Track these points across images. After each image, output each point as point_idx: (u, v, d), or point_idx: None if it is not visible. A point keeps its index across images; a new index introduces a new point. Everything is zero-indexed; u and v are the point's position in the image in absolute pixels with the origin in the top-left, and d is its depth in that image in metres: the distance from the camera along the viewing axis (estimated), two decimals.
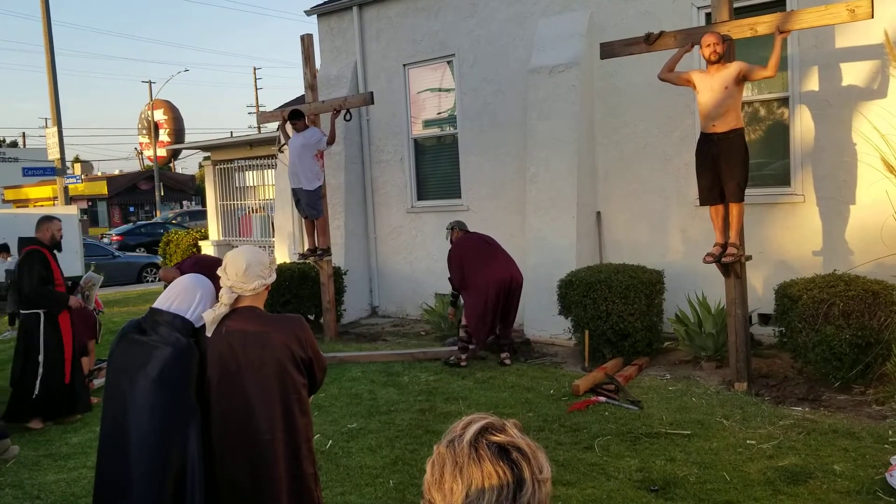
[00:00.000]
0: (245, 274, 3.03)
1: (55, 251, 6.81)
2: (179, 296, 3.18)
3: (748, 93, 8.07)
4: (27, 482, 5.33)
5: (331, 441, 5.78)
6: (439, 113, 11.01)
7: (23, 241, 6.85)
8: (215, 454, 3.00)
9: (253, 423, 2.96)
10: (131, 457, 2.94)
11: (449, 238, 8.44)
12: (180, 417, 2.95)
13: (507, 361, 7.89)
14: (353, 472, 5.17)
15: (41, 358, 6.55)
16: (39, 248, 6.62)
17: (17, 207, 24.17)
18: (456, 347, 8.12)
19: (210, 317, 3.02)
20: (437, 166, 11.14)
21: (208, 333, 3.03)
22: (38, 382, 6.54)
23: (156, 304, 3.19)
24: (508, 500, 1.22)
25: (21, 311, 6.78)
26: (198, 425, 2.97)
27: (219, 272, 3.11)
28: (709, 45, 6.37)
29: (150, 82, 46.82)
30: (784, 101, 7.96)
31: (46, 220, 6.83)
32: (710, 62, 6.42)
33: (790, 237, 7.87)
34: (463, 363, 7.88)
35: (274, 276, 3.18)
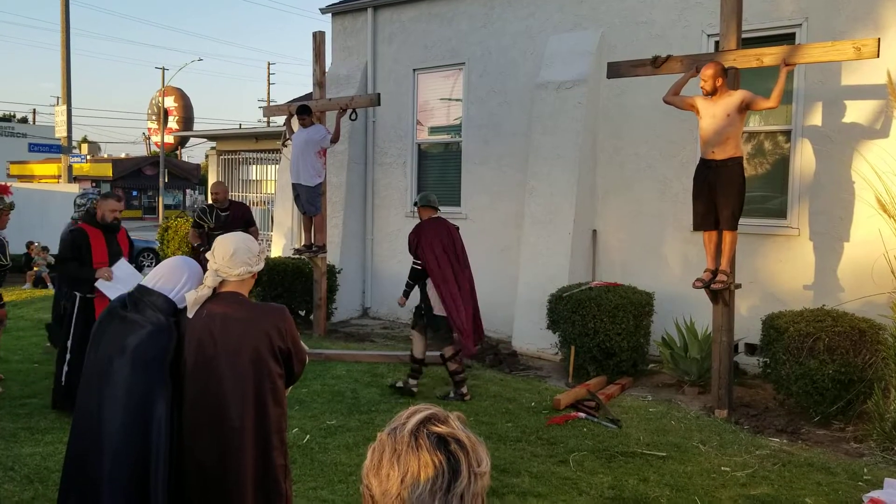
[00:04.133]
0: (231, 259, 3.05)
1: (109, 231, 6.44)
2: (165, 275, 3.20)
3: (752, 123, 8.13)
4: (3, 453, 5.34)
5: (308, 436, 5.79)
6: (445, 120, 11.06)
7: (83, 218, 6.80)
8: (185, 436, 3.01)
9: (224, 409, 2.97)
10: (103, 433, 2.95)
11: (415, 214, 7.52)
12: (152, 395, 2.97)
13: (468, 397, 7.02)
14: (327, 469, 5.18)
15: (70, 342, 6.29)
16: (82, 227, 6.42)
17: (22, 182, 24.23)
18: (437, 354, 8.09)
19: (192, 298, 3.04)
20: (438, 173, 11.19)
21: (189, 315, 3.05)
22: (65, 367, 6.24)
23: (142, 282, 3.21)
24: (442, 489, 1.24)
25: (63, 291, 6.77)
26: (168, 405, 2.98)
27: (207, 255, 3.14)
28: (706, 80, 6.40)
29: (164, 69, 46.88)
30: (787, 135, 8.00)
31: (102, 198, 6.69)
32: (705, 93, 6.47)
33: (782, 269, 7.90)
34: (415, 389, 7.09)
35: (261, 265, 3.20)
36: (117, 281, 6.10)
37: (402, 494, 1.25)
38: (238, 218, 9.15)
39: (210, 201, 9.32)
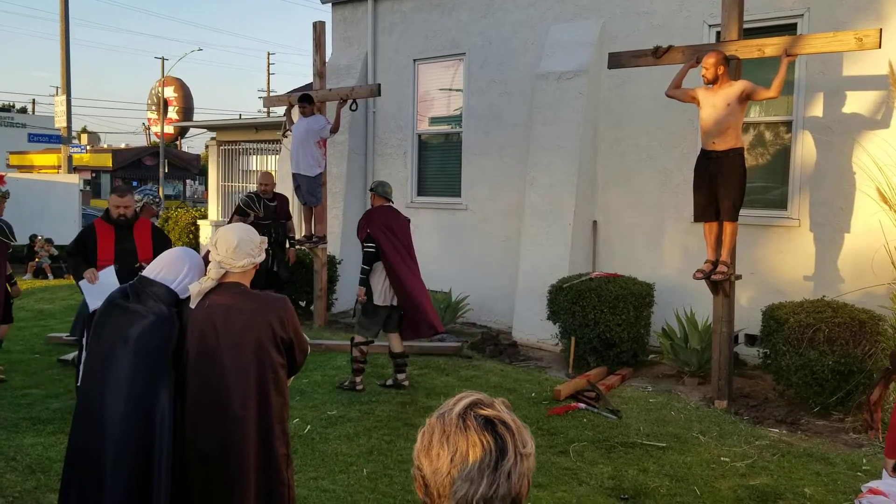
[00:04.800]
0: (235, 251, 3.07)
1: (121, 227, 6.10)
2: (167, 266, 3.20)
3: (753, 114, 8.11)
4: (4, 443, 5.36)
5: (309, 426, 5.82)
6: (445, 111, 11.04)
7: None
8: (188, 427, 3.02)
9: (226, 399, 2.99)
10: (105, 424, 2.95)
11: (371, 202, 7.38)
12: (155, 386, 2.97)
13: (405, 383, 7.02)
14: (328, 458, 5.20)
15: (85, 340, 6.10)
16: (95, 223, 6.23)
17: (21, 173, 24.18)
18: (444, 344, 8.12)
19: (196, 289, 3.05)
20: (439, 163, 11.18)
21: (192, 305, 3.06)
22: (80, 369, 6.00)
23: (144, 273, 3.22)
24: (490, 467, 1.32)
25: None
26: (171, 395, 2.99)
27: (209, 247, 3.15)
28: (707, 68, 6.40)
29: (164, 59, 46.80)
30: (788, 125, 7.99)
31: (111, 192, 6.40)
32: (706, 81, 6.47)
33: (782, 260, 7.90)
34: (405, 382, 6.98)
35: (263, 256, 3.21)
36: (100, 287, 5.67)
37: (452, 473, 1.32)
38: (283, 210, 9.20)
39: (258, 191, 9.03)
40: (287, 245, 9.37)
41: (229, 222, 8.95)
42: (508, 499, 1.35)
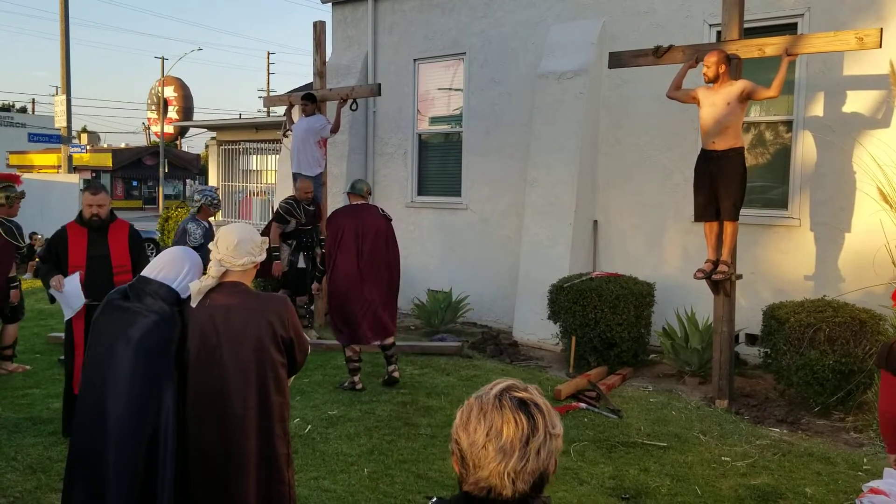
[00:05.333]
0: (236, 249, 3.08)
1: (94, 229, 5.57)
2: (167, 265, 3.21)
3: (753, 113, 8.11)
4: (5, 443, 5.36)
5: (310, 426, 5.81)
6: (446, 111, 11.04)
7: None
8: (188, 426, 3.02)
9: (227, 398, 2.99)
10: (108, 423, 2.95)
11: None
12: (157, 384, 2.97)
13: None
14: (328, 458, 5.20)
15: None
16: (67, 225, 5.64)
17: (21, 172, 24.19)
18: (444, 343, 8.11)
19: (196, 287, 3.06)
20: (439, 163, 11.18)
21: (193, 304, 3.06)
22: (63, 389, 5.62)
23: (143, 273, 3.22)
24: (522, 442, 1.49)
25: None
26: (174, 393, 2.99)
27: (210, 245, 3.16)
28: (709, 66, 6.41)
29: (163, 58, 46.81)
30: (788, 125, 7.99)
31: (83, 189, 5.80)
32: (707, 80, 6.47)
33: (783, 260, 7.90)
34: (358, 386, 6.84)
35: (264, 256, 3.22)
36: (67, 295, 5.37)
37: (487, 446, 1.49)
38: (320, 214, 9.13)
39: (297, 197, 8.71)
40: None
41: (266, 228, 8.85)
42: (537, 473, 1.50)
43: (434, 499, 1.71)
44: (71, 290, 5.36)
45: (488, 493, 1.51)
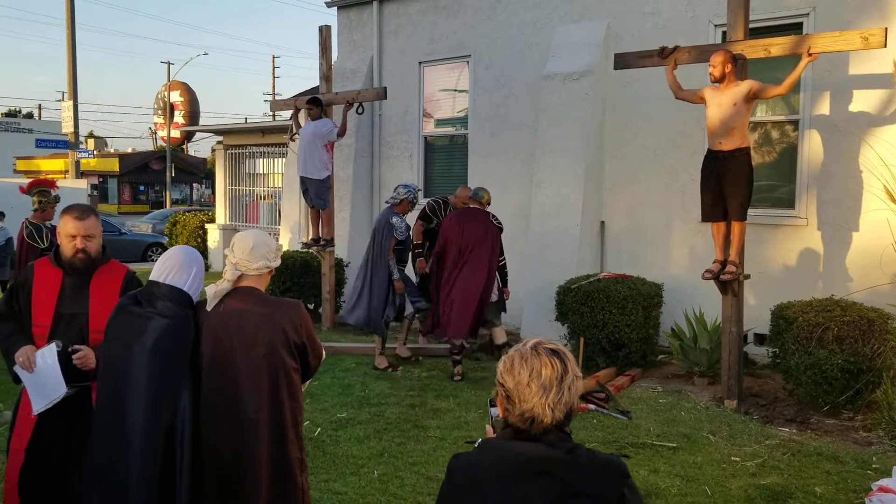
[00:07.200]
0: (251, 253, 3.10)
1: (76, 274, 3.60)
2: (176, 268, 3.21)
3: (760, 113, 8.11)
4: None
5: (319, 428, 5.84)
6: (451, 113, 11.06)
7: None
8: (202, 430, 3.04)
9: (239, 402, 3.01)
10: (127, 426, 2.97)
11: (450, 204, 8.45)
12: (174, 385, 3.00)
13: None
14: (339, 461, 5.22)
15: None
16: (36, 265, 3.72)
17: (29, 178, 24.30)
18: (449, 346, 8.10)
19: (212, 291, 3.09)
20: (445, 165, 11.20)
21: (208, 308, 3.09)
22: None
23: (152, 276, 3.23)
24: (557, 380, 1.89)
25: None
26: (191, 396, 3.02)
27: (225, 251, 3.19)
28: (715, 66, 6.40)
29: (169, 63, 47.04)
30: (794, 124, 7.99)
31: (63, 212, 3.82)
32: (713, 79, 6.47)
33: (791, 259, 7.90)
34: (457, 377, 7.41)
35: (279, 262, 3.24)
36: (38, 377, 3.43)
37: (531, 384, 1.88)
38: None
39: (446, 199, 8.72)
40: None
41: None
42: (569, 405, 1.91)
43: (479, 440, 2.04)
44: (46, 371, 3.42)
45: (531, 424, 1.88)
